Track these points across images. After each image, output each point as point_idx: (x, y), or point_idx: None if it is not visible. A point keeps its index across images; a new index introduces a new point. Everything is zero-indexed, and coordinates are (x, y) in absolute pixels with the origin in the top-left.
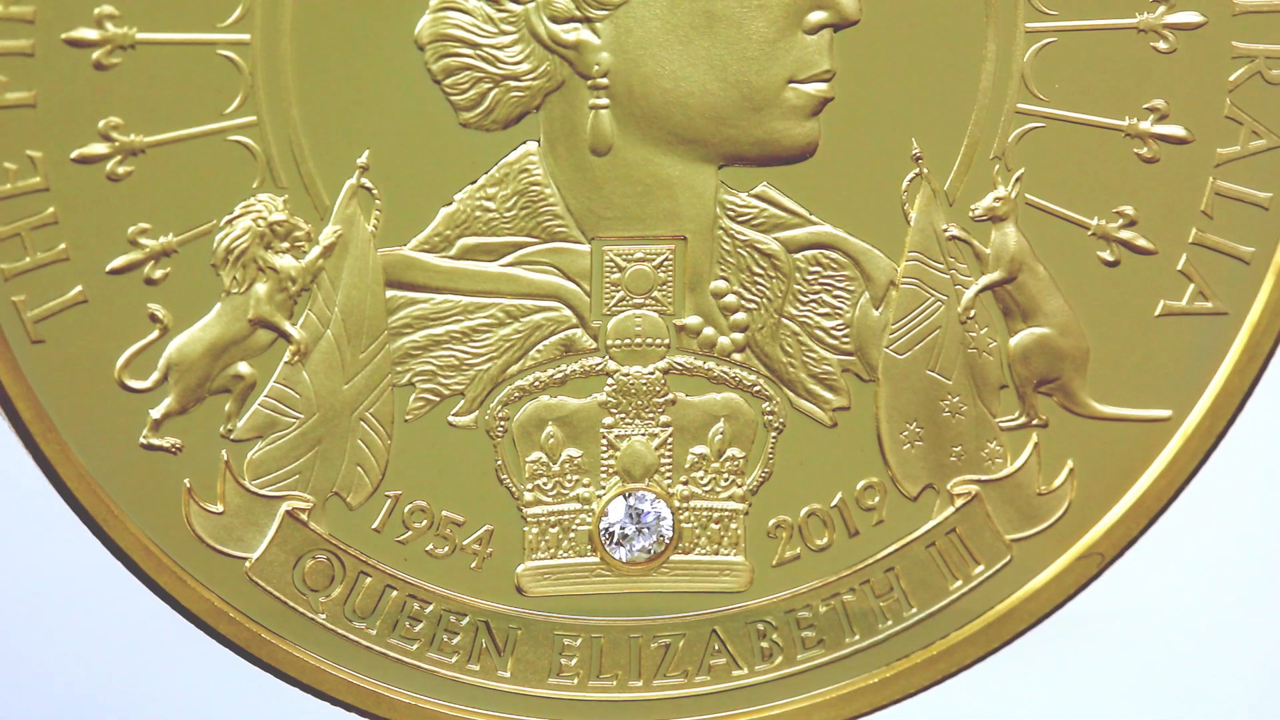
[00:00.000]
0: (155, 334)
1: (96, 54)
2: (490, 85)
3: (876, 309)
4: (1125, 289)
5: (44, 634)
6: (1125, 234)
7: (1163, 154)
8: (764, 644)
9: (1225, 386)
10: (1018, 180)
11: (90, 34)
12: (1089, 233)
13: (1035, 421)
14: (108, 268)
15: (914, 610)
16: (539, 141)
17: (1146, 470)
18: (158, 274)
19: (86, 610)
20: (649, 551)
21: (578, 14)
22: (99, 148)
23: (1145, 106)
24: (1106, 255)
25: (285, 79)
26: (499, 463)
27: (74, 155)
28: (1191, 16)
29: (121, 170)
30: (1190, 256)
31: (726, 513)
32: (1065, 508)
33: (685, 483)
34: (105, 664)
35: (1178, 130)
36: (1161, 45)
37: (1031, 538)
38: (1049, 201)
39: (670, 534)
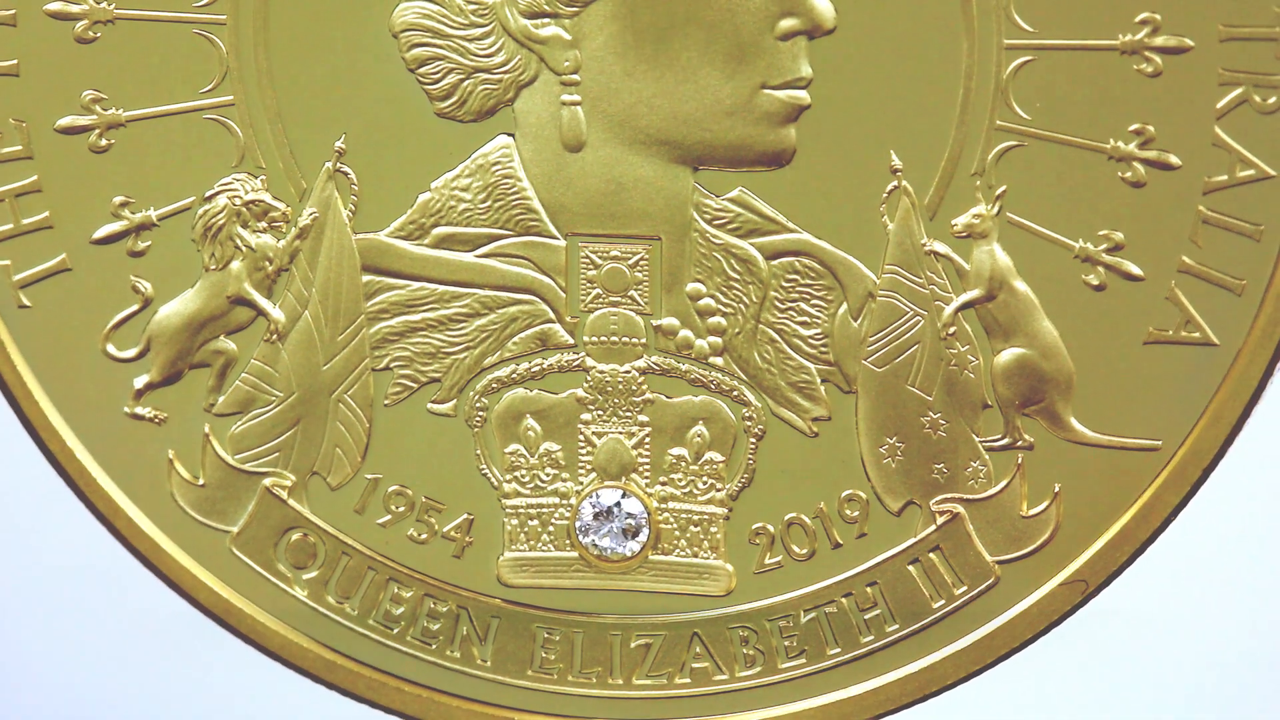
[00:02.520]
0: (137, 306)
1: (77, 27)
2: (462, 76)
3: (855, 320)
4: (1112, 314)
5: (23, 600)
6: (1111, 258)
7: (1149, 179)
8: (746, 650)
9: (1213, 417)
10: (999, 198)
11: (70, 7)
12: (1073, 255)
13: (1020, 443)
14: (91, 238)
15: (896, 626)
16: (513, 135)
17: (1136, 499)
18: (141, 246)
19: (67, 576)
20: (627, 551)
21: (548, 9)
22: (81, 119)
23: (1130, 129)
24: (1092, 279)
25: (262, 60)
26: (478, 452)
27: (57, 125)
28: (1178, 40)
29: (104, 142)
30: (1178, 284)
31: (706, 516)
32: (1051, 532)
33: (664, 483)
34: (85, 630)
35: (1164, 155)
36: (1147, 68)
37: (1017, 560)
38: (1032, 221)
39: (646, 533)
